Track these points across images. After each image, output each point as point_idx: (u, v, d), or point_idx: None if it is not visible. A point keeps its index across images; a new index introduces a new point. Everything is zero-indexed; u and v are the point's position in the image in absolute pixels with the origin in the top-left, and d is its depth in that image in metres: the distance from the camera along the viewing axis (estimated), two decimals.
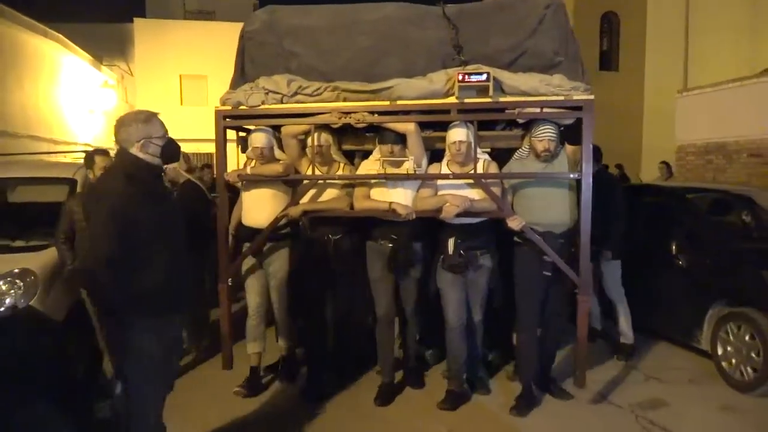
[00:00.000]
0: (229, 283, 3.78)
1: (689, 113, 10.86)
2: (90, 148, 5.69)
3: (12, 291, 3.20)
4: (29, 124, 9.25)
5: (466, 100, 3.40)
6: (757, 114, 9.10)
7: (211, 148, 3.97)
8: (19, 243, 3.85)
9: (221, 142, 3.79)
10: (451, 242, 3.52)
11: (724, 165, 9.99)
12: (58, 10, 13.00)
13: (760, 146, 9.12)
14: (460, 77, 3.32)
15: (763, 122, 8.98)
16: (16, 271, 3.33)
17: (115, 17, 14.75)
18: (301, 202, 3.69)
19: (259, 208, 3.74)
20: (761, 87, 9.13)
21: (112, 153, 3.09)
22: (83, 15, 13.97)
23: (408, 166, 3.52)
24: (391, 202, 3.49)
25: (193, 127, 8.90)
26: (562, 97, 3.38)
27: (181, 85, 14.71)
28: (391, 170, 3.56)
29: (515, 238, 3.60)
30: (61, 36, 10.36)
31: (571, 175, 3.47)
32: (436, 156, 3.76)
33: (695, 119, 10.68)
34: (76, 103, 11.24)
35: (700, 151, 10.51)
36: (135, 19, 14.58)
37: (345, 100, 3.58)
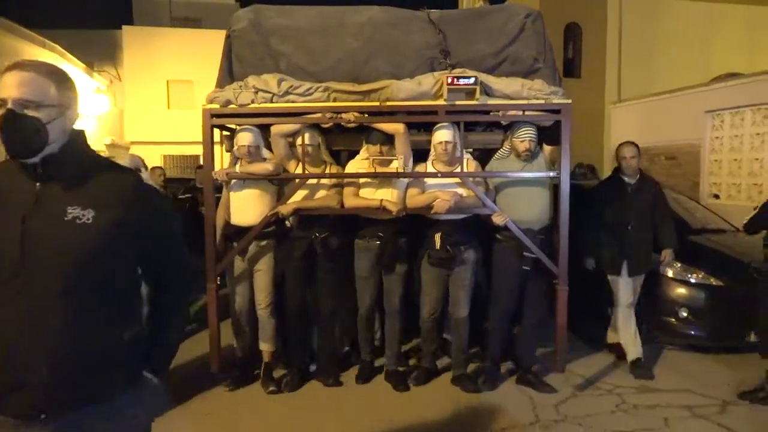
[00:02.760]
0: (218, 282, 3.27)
1: (621, 121, 11.00)
2: None
3: None
4: None
5: (456, 102, 3.03)
6: (672, 123, 9.56)
7: (196, 150, 3.41)
8: None
9: (208, 141, 3.26)
10: (437, 237, 3.17)
11: (648, 167, 10.17)
12: (50, 17, 11.92)
13: (674, 151, 9.62)
14: (450, 80, 2.98)
15: (676, 130, 9.46)
16: None
17: (104, 24, 13.65)
18: (289, 201, 3.23)
19: (246, 207, 3.24)
20: (674, 101, 9.59)
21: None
22: (74, 22, 12.86)
23: (396, 166, 3.12)
24: (381, 200, 3.10)
25: (179, 131, 8.14)
26: (542, 101, 3.10)
27: (169, 89, 13.67)
28: (380, 169, 3.15)
29: (496, 235, 3.27)
30: (57, 46, 9.46)
31: (551, 174, 3.18)
32: (420, 156, 3.38)
33: (625, 127, 10.83)
34: None
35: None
36: (124, 26, 13.50)
37: (335, 100, 3.14)
